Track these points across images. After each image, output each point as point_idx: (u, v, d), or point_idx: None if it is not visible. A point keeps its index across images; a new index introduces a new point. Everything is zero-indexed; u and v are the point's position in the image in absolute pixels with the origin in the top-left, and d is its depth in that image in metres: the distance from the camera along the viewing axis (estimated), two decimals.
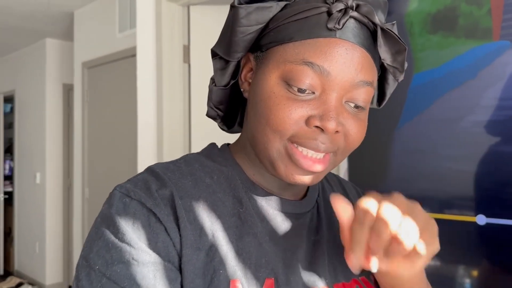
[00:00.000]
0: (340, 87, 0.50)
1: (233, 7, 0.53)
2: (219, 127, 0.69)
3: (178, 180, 0.53)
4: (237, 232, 0.53)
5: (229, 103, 0.64)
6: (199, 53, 2.30)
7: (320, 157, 0.52)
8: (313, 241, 0.59)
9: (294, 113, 0.50)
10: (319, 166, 0.52)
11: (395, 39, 0.52)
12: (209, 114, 0.65)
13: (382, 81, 0.62)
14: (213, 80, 0.62)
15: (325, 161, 0.53)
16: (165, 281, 0.47)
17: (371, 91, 0.53)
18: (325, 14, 0.50)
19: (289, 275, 0.53)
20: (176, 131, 2.29)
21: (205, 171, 0.57)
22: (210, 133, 0.72)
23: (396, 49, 0.53)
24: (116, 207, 0.50)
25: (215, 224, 0.52)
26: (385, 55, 0.54)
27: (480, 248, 1.16)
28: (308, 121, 0.50)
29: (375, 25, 0.51)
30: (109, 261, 0.47)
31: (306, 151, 0.52)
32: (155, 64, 2.30)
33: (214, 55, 0.60)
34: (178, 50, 2.30)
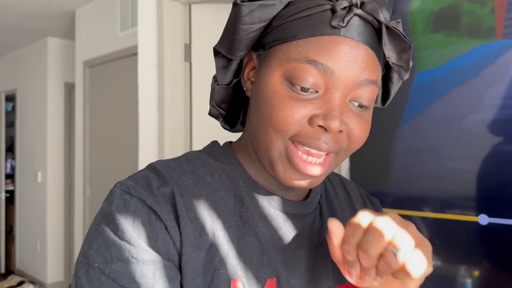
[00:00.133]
0: (344, 86, 0.49)
1: (235, 4, 0.52)
2: (222, 126, 0.68)
3: (179, 177, 0.53)
4: (238, 231, 0.52)
5: (231, 102, 0.63)
6: (201, 52, 2.29)
7: (320, 161, 0.52)
8: (315, 242, 0.58)
9: (297, 113, 0.49)
10: (318, 169, 0.51)
11: (400, 37, 0.51)
12: (212, 113, 0.65)
13: (386, 80, 0.61)
14: (215, 78, 0.61)
15: (325, 164, 0.52)
16: (165, 280, 0.46)
17: (375, 90, 0.52)
18: (329, 11, 0.49)
19: (290, 276, 0.53)
20: (177, 129, 2.29)
21: (207, 169, 0.56)
22: (211, 132, 0.72)
23: (401, 47, 0.52)
24: (116, 204, 0.49)
25: (216, 223, 0.51)
26: (390, 53, 0.53)
27: (481, 248, 1.15)
28: (311, 120, 0.49)
29: (379, 23, 0.50)
30: (109, 259, 0.46)
31: (305, 156, 0.51)
32: (157, 62, 2.29)
33: (216, 53, 0.59)
34: (179, 48, 2.30)
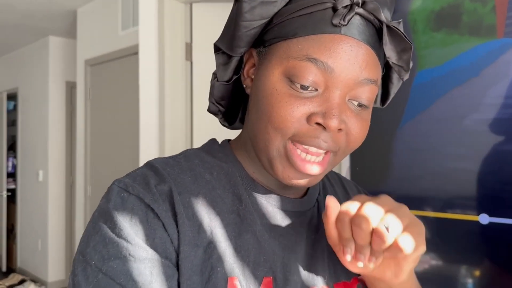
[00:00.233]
0: (343, 85, 0.49)
1: (237, 1, 0.52)
2: (221, 123, 0.68)
3: (177, 175, 0.53)
4: (236, 229, 0.52)
5: (231, 99, 0.63)
6: (201, 51, 2.30)
7: (319, 160, 0.52)
8: (313, 239, 0.58)
9: (296, 111, 0.49)
10: (317, 169, 0.51)
11: (401, 37, 0.51)
12: (211, 109, 0.64)
13: (386, 80, 0.61)
14: (215, 75, 0.61)
15: (324, 162, 0.52)
16: (162, 277, 0.46)
17: (375, 89, 0.52)
18: (330, 10, 0.49)
19: (287, 273, 0.52)
20: (178, 128, 2.29)
21: (205, 167, 0.56)
22: (212, 131, 0.72)
23: (401, 47, 0.52)
24: (114, 202, 0.49)
25: (214, 220, 0.51)
26: (391, 53, 0.53)
27: (482, 247, 1.15)
28: (309, 118, 0.49)
29: (380, 22, 0.50)
30: (106, 257, 0.46)
31: (304, 155, 0.51)
32: (158, 61, 2.30)
33: (216, 49, 0.59)
34: (180, 47, 2.30)
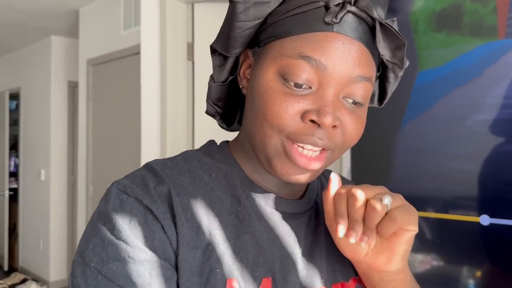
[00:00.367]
0: (337, 82, 0.50)
1: (231, 2, 0.53)
2: (219, 125, 0.68)
3: (176, 177, 0.53)
4: (234, 230, 0.52)
5: (227, 100, 0.64)
6: (203, 51, 2.29)
7: (316, 155, 0.52)
8: (311, 240, 0.58)
9: (290, 108, 0.49)
10: (316, 164, 0.52)
11: (395, 34, 0.51)
12: (208, 111, 0.65)
13: (383, 79, 0.61)
14: (212, 77, 0.62)
15: (322, 158, 0.52)
16: (161, 279, 0.46)
17: (369, 87, 0.52)
18: (323, 8, 0.50)
19: (286, 274, 0.52)
20: (179, 128, 2.29)
21: (204, 168, 0.56)
22: (213, 131, 0.72)
23: (395, 45, 0.53)
24: (112, 204, 0.49)
25: (212, 222, 0.51)
26: (384, 50, 0.53)
27: (483, 248, 1.15)
28: (304, 115, 0.50)
29: (373, 20, 0.51)
30: (105, 258, 0.46)
31: (301, 149, 0.51)
32: (159, 61, 2.30)
33: (213, 51, 0.59)
34: (182, 47, 2.30)
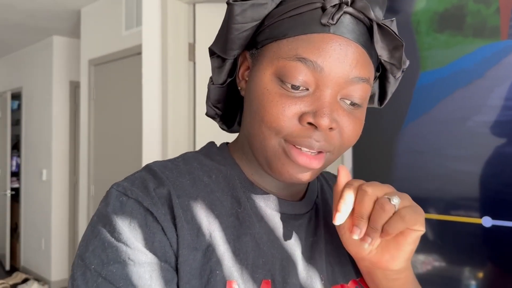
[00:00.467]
0: (334, 83, 0.49)
1: (228, 4, 0.53)
2: (219, 126, 0.68)
3: (176, 178, 0.53)
4: (234, 232, 0.52)
5: (226, 102, 0.64)
6: (205, 51, 2.29)
7: (314, 153, 0.51)
8: (311, 242, 0.58)
9: (287, 110, 0.49)
10: (316, 162, 0.51)
11: (392, 35, 0.51)
12: (208, 113, 0.65)
13: (383, 79, 0.61)
14: (211, 79, 0.62)
15: (321, 157, 0.52)
16: (161, 281, 0.46)
17: (367, 88, 0.52)
18: (319, 9, 0.49)
19: (286, 276, 0.52)
20: (181, 128, 2.29)
21: (204, 170, 0.56)
22: (214, 131, 0.72)
23: (393, 45, 0.52)
24: (112, 206, 0.49)
25: (212, 224, 0.51)
26: (382, 51, 0.53)
27: (485, 250, 1.14)
28: (301, 118, 0.49)
29: (371, 20, 0.50)
30: (105, 261, 0.46)
31: (300, 148, 0.51)
32: (161, 62, 2.30)
33: (211, 53, 0.59)
34: (183, 48, 2.30)
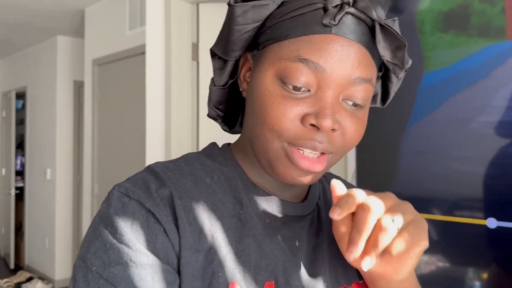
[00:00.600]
0: (336, 84, 0.49)
1: (229, 5, 0.53)
2: (221, 128, 0.68)
3: (178, 179, 0.52)
4: (237, 233, 0.51)
5: (228, 103, 0.63)
6: (208, 51, 2.28)
7: (317, 156, 0.51)
8: (313, 244, 0.58)
9: (289, 112, 0.49)
10: (318, 166, 0.51)
11: (394, 35, 0.51)
12: (210, 114, 0.65)
13: (385, 79, 0.61)
14: (213, 80, 0.62)
15: (323, 160, 0.51)
16: (163, 283, 0.46)
17: (369, 89, 0.51)
18: (321, 10, 0.49)
19: (289, 278, 0.52)
20: (184, 128, 2.29)
21: (206, 171, 0.56)
22: (218, 130, 0.72)
23: (396, 45, 0.52)
24: (114, 207, 0.49)
25: (214, 225, 0.51)
26: (384, 51, 0.52)
27: (490, 251, 1.14)
28: (303, 119, 0.49)
29: (373, 20, 0.50)
30: (107, 262, 0.46)
31: (302, 151, 0.50)
32: (164, 61, 2.30)
33: (213, 55, 0.59)
34: (187, 47, 2.30)
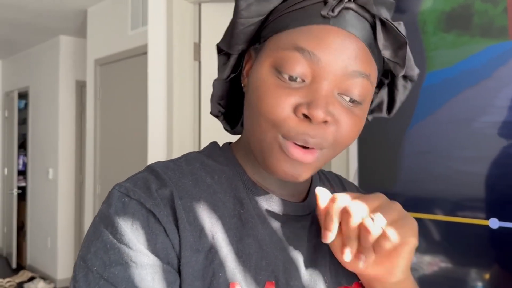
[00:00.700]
0: (331, 76, 0.49)
1: None
2: (223, 126, 0.68)
3: (178, 179, 0.52)
4: (237, 233, 0.51)
5: (229, 99, 0.63)
6: (210, 51, 2.29)
7: (309, 148, 0.51)
8: (314, 244, 0.58)
9: (283, 101, 0.49)
10: (309, 156, 0.50)
11: (396, 32, 0.51)
12: (212, 111, 0.65)
13: (391, 87, 0.61)
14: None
15: (313, 151, 0.51)
16: (164, 283, 0.46)
17: (367, 84, 0.51)
18: (322, 3, 0.50)
19: (289, 278, 0.52)
20: (186, 128, 2.29)
21: (206, 170, 0.56)
22: (219, 130, 0.72)
23: (397, 44, 0.52)
24: (115, 207, 0.49)
25: (215, 225, 0.50)
26: (385, 49, 0.52)
27: (492, 251, 1.13)
28: (296, 109, 0.49)
29: (374, 18, 0.50)
30: (107, 263, 0.46)
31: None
32: (166, 61, 2.30)
33: (219, 51, 0.60)
34: (188, 47, 2.30)
